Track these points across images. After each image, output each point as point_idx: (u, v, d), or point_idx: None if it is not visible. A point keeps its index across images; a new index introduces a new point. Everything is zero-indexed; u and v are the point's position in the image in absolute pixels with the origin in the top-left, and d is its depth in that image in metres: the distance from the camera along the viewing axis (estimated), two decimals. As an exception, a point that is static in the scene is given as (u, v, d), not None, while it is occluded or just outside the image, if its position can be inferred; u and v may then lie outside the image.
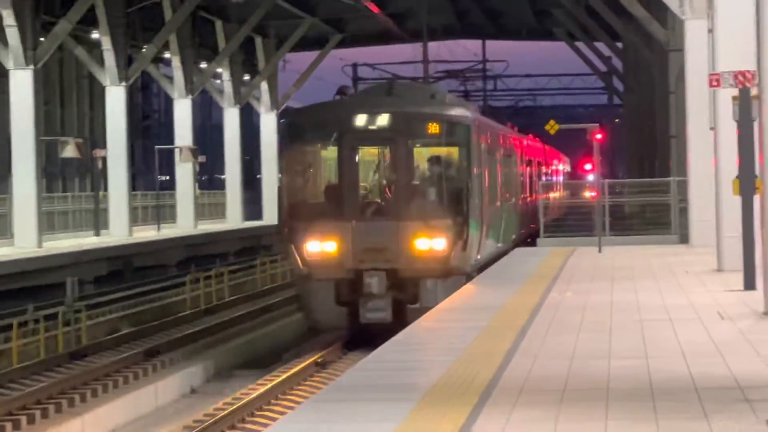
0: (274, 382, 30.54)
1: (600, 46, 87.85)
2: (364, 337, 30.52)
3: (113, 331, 42.38)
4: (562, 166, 77.04)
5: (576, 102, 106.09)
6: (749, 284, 26.41)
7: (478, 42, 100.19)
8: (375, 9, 69.53)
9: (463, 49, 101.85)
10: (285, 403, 28.04)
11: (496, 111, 69.92)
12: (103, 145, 66.28)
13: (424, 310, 23.86)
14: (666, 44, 50.21)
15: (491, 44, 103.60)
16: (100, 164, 66.15)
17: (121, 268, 58.30)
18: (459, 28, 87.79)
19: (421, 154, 33.00)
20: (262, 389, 29.67)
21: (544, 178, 66.19)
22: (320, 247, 30.11)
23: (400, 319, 27.86)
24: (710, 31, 32.03)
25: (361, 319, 30.59)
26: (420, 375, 17.44)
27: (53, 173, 68.14)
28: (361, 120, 30.79)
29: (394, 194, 31.35)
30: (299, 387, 30.59)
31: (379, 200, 31.69)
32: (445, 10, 79.08)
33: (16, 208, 54.04)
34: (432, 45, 79.51)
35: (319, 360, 32.99)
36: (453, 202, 31.45)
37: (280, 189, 32.08)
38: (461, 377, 16.74)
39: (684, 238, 43.06)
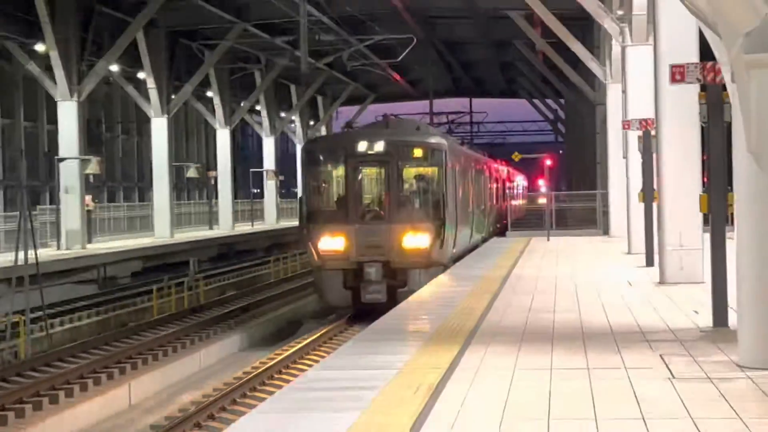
0: (318, 333, 29.54)
1: (549, 102, 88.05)
2: (365, 313, 28.32)
3: (221, 294, 42.18)
4: (523, 182, 76.41)
5: (533, 140, 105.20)
6: (649, 262, 26.22)
7: (467, 99, 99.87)
8: (398, 77, 69.46)
9: (457, 104, 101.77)
10: (334, 343, 27.58)
11: (477, 146, 69.81)
12: (215, 168, 66.22)
13: (411, 293, 22.83)
14: (594, 100, 49.38)
15: (476, 101, 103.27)
16: (212, 181, 66.21)
17: (226, 252, 58.06)
18: (454, 90, 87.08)
19: (409, 173, 30.67)
20: (312, 337, 28.91)
21: (509, 190, 64.98)
22: (331, 244, 28.58)
23: (393, 300, 26.09)
24: (624, 91, 32.07)
25: (362, 299, 28.84)
26: (426, 323, 17.43)
27: (181, 187, 67.93)
28: (362, 146, 29.10)
29: (388, 203, 29.33)
30: (337, 337, 29.23)
31: (376, 208, 29.61)
32: (444, 78, 78.49)
33: (155, 211, 53.84)
34: (436, 101, 79.49)
35: (352, 314, 31.42)
36: (432, 209, 29.54)
37: (300, 200, 30.85)
38: (454, 324, 16.70)
39: (605, 231, 42.13)
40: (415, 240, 28.31)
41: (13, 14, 40.41)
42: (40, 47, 40.40)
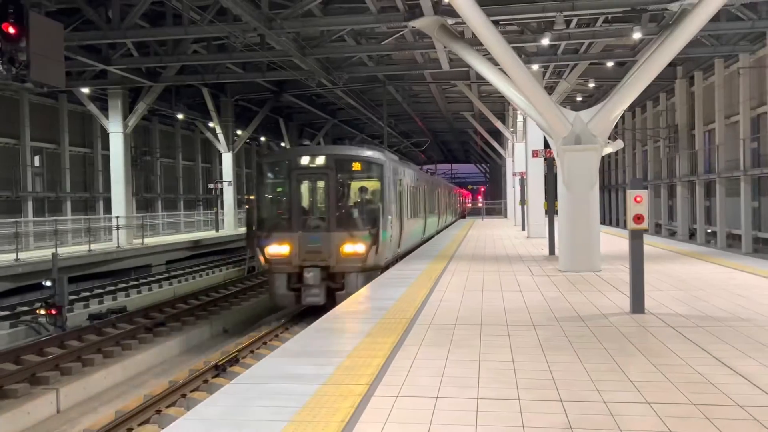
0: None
1: (483, 165, 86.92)
2: (308, 312, 14.98)
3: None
4: (471, 198, 74.32)
5: (476, 180, 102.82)
6: (523, 229, 25.22)
7: (449, 165, 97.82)
8: (423, 155, 67.74)
9: (444, 166, 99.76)
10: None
11: (454, 182, 69.66)
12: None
13: (348, 295, 11.66)
14: (501, 164, 48.30)
15: (454, 165, 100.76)
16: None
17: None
18: (444, 160, 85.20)
19: (349, 185, 15.06)
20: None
21: (464, 200, 61.36)
22: (277, 249, 14.37)
23: (332, 301, 13.39)
24: (513, 160, 30.63)
25: (302, 301, 14.16)
26: (432, 253, 16.71)
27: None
28: (304, 161, 14.68)
29: (328, 213, 14.39)
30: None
31: (318, 217, 14.45)
32: (440, 155, 76.59)
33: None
34: (440, 165, 78.45)
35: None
36: (369, 218, 14.54)
37: (249, 210, 18.08)
38: (443, 254, 16.22)
39: (506, 216, 41.41)
40: (353, 247, 14.41)
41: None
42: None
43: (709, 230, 25.96)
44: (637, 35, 16.48)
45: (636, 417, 4.27)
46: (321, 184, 14.80)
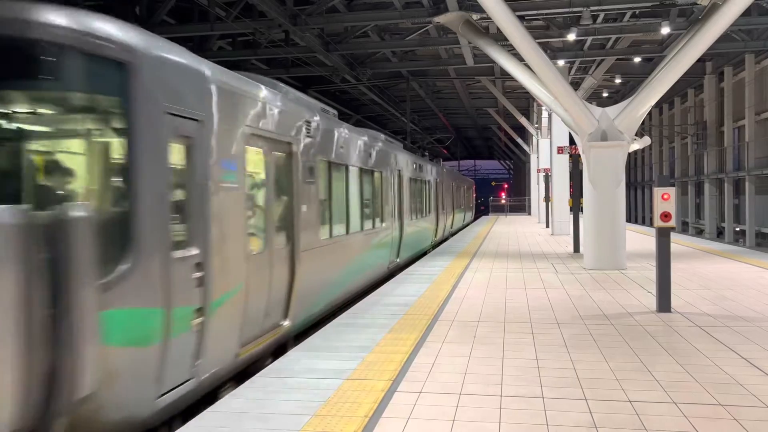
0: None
1: (507, 161, 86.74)
2: None
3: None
4: (495, 194, 74.38)
5: (500, 176, 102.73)
6: (547, 226, 25.04)
7: (472, 161, 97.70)
8: (445, 151, 67.43)
9: (467, 162, 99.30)
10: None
11: (476, 179, 69.29)
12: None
13: None
14: (525, 160, 48.56)
15: (477, 161, 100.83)
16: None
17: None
18: (467, 155, 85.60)
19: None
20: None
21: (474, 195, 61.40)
22: None
23: None
24: (537, 157, 30.31)
25: None
26: (456, 248, 16.70)
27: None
28: None
29: None
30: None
31: None
32: (464, 151, 76.63)
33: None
34: (463, 162, 78.15)
35: None
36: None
37: None
38: (466, 250, 16.22)
39: (529, 213, 41.75)
40: None
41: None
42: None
43: (737, 228, 25.52)
44: (665, 30, 16.20)
45: (662, 417, 4.23)
46: None
